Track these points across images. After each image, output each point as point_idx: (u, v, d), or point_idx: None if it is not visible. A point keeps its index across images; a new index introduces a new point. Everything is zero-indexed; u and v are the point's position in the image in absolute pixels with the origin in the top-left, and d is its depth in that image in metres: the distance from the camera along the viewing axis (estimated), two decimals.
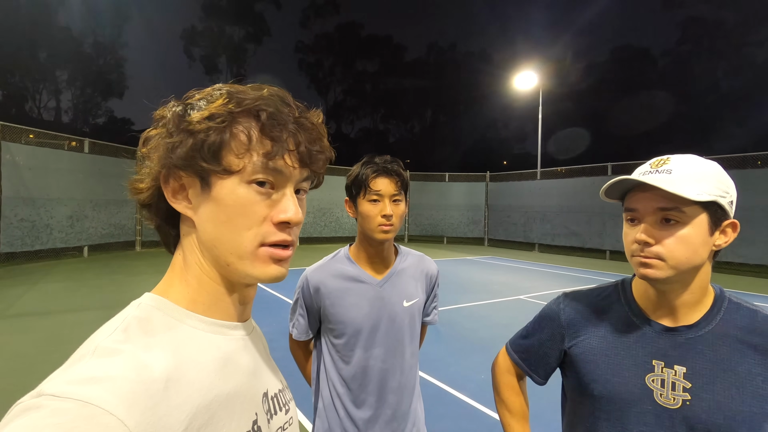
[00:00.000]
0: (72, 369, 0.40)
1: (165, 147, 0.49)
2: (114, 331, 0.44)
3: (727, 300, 0.86)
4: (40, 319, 5.21)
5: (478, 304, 6.63)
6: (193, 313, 0.50)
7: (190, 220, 0.52)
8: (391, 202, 1.28)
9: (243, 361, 0.53)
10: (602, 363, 0.90)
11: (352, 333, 1.29)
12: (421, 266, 1.44)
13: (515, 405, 1.06)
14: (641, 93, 38.74)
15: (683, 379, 0.81)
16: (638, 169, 0.86)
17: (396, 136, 52.36)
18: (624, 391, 0.86)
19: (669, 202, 0.78)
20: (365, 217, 1.28)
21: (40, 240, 9.63)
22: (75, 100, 38.01)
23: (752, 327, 0.82)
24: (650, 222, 0.80)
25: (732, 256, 10.31)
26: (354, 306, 1.30)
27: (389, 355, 1.30)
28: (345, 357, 1.30)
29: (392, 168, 1.28)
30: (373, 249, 1.33)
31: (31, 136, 10.75)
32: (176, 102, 0.52)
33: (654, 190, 0.79)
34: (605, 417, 0.88)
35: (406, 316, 1.34)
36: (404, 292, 1.35)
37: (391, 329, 1.31)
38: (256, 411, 0.52)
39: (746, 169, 10.34)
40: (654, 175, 0.80)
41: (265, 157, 0.49)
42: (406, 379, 1.33)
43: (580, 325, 0.96)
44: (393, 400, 1.30)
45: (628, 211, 0.84)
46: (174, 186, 0.51)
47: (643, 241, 0.80)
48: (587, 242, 13.47)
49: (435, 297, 1.51)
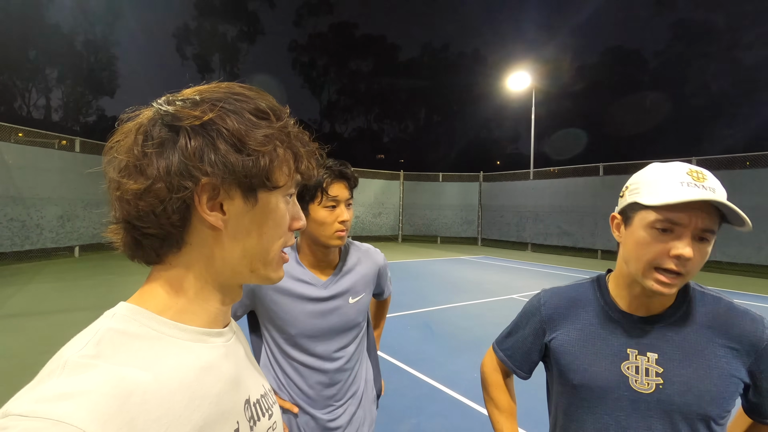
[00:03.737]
0: (40, 386, 0.38)
1: (220, 161, 0.47)
2: (86, 344, 0.42)
3: (692, 289, 0.92)
4: (30, 320, 5.15)
5: (471, 303, 6.67)
6: (172, 321, 0.49)
7: (207, 231, 0.50)
8: (346, 208, 1.27)
9: (224, 369, 0.52)
10: (580, 354, 0.94)
11: (295, 333, 1.28)
12: (369, 260, 1.43)
13: (503, 402, 1.10)
14: (633, 94, 39.08)
15: (656, 365, 0.87)
16: (673, 173, 0.81)
17: (390, 135, 52.42)
18: (601, 380, 0.90)
19: (713, 223, 0.79)
20: (320, 224, 1.25)
21: (30, 240, 9.51)
22: (65, 99, 37.55)
23: (716, 313, 0.88)
24: (691, 237, 0.79)
25: (721, 255, 10.45)
26: (297, 306, 1.28)
27: (334, 349, 1.31)
28: (288, 351, 1.30)
29: (347, 173, 1.27)
30: (321, 253, 1.32)
31: (20, 134, 10.60)
32: (218, 108, 0.49)
33: (702, 208, 0.78)
34: (585, 405, 0.93)
35: (352, 312, 1.34)
36: (350, 290, 1.35)
37: (337, 326, 1.31)
38: (237, 420, 0.51)
39: (735, 169, 10.49)
40: (700, 190, 0.78)
41: (302, 174, 0.55)
42: (351, 365, 1.36)
43: (559, 319, 1.00)
44: (338, 386, 1.33)
45: (666, 221, 0.80)
46: (211, 197, 0.49)
47: (687, 258, 0.78)
48: (579, 242, 13.57)
49: (386, 278, 1.54)
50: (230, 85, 0.53)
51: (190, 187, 0.47)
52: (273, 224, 0.53)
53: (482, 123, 48.13)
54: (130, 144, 0.48)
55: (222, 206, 0.50)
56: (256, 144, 0.49)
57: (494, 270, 10.47)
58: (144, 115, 0.50)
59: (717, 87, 37.48)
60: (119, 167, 0.48)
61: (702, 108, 36.71)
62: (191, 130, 0.47)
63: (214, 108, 0.48)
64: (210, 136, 0.47)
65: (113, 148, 0.50)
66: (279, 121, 0.52)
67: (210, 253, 0.51)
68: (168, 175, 0.46)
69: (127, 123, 0.51)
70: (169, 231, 0.49)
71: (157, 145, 0.47)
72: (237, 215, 0.51)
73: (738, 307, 0.88)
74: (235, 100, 0.50)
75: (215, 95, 0.50)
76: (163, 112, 0.48)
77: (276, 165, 0.51)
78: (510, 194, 15.97)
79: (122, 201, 0.48)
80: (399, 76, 49.79)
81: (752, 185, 10.01)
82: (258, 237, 0.52)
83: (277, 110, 0.53)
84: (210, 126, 0.48)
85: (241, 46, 46.90)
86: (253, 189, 0.50)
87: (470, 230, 17.42)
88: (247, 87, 0.53)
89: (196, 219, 0.49)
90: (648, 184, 0.84)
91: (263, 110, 0.51)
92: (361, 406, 1.40)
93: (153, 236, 0.49)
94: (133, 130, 0.49)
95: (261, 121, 0.50)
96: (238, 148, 0.48)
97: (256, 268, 0.53)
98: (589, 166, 13.77)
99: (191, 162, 0.47)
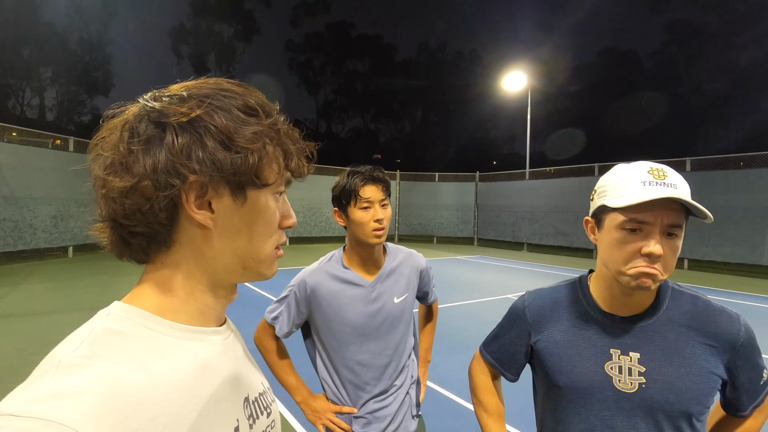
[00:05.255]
0: (33, 386, 0.37)
1: (208, 158, 0.46)
2: (80, 344, 0.41)
3: (670, 288, 0.93)
4: (22, 321, 5.11)
5: (466, 303, 6.68)
6: (167, 320, 0.48)
7: (196, 230, 0.49)
8: (380, 207, 1.36)
9: (222, 367, 0.51)
10: (565, 355, 0.94)
11: (347, 331, 1.38)
12: (411, 263, 1.53)
13: (491, 405, 1.11)
14: (628, 94, 39.29)
15: (638, 364, 0.88)
16: (635, 173, 0.83)
17: (386, 135, 52.40)
18: (586, 380, 0.91)
19: (680, 218, 0.81)
20: (358, 224, 1.35)
21: (23, 240, 9.44)
22: (59, 98, 37.30)
23: (693, 312, 0.90)
24: (659, 234, 0.81)
25: (714, 255, 10.52)
26: (348, 306, 1.38)
27: (383, 348, 1.41)
28: (340, 353, 1.39)
29: (378, 176, 1.38)
30: (365, 253, 1.41)
31: (14, 134, 10.52)
32: (205, 105, 0.48)
33: (666, 205, 0.80)
34: (571, 406, 0.93)
35: (397, 311, 1.43)
36: (394, 290, 1.44)
37: (384, 325, 1.41)
38: (237, 417, 0.51)
39: (728, 170, 10.54)
40: (662, 188, 0.80)
41: (292, 171, 0.55)
42: (398, 363, 1.45)
43: (543, 320, 1.00)
44: (390, 381, 1.43)
45: (634, 221, 0.82)
46: (199, 195, 0.48)
47: (657, 255, 0.80)
48: (575, 242, 13.62)
49: (430, 282, 1.65)
50: (218, 80, 0.52)
51: (177, 185, 0.46)
52: (263, 222, 0.52)
53: (479, 123, 48.28)
54: (116, 141, 0.47)
55: (210, 204, 0.49)
56: (245, 141, 0.48)
57: (490, 270, 10.49)
58: (130, 111, 0.49)
59: (712, 87, 37.74)
60: (105, 164, 0.47)
61: (696, 108, 36.97)
62: (178, 127, 0.46)
63: (201, 104, 0.47)
64: (197, 133, 0.47)
65: (98, 145, 0.49)
66: (268, 117, 0.51)
67: (200, 252, 0.50)
68: (155, 172, 0.45)
69: (112, 119, 0.50)
70: (156, 229, 0.48)
71: (143, 142, 0.46)
72: (226, 213, 0.50)
73: (715, 305, 0.90)
74: (224, 96, 0.49)
75: (203, 91, 0.49)
76: (149, 108, 0.47)
77: (265, 162, 0.51)
78: (506, 194, 16.01)
79: (108, 199, 0.47)
80: (395, 76, 49.83)
81: (746, 185, 10.06)
82: (248, 235, 0.52)
83: (266, 107, 0.52)
84: (197, 123, 0.47)
85: (237, 46, 46.79)
86: (242, 187, 0.50)
87: (466, 230, 17.45)
88: (236, 83, 0.53)
89: (184, 217, 0.49)
90: (613, 186, 0.86)
91: (252, 107, 0.50)
92: (408, 396, 1.49)
93: (140, 235, 0.48)
94: (119, 127, 0.48)
95: (250, 117, 0.49)
96: (226, 146, 0.47)
97: (248, 266, 0.53)
98: (585, 167, 13.83)
99: (178, 159, 0.46)
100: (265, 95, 0.54)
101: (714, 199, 10.15)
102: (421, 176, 18.08)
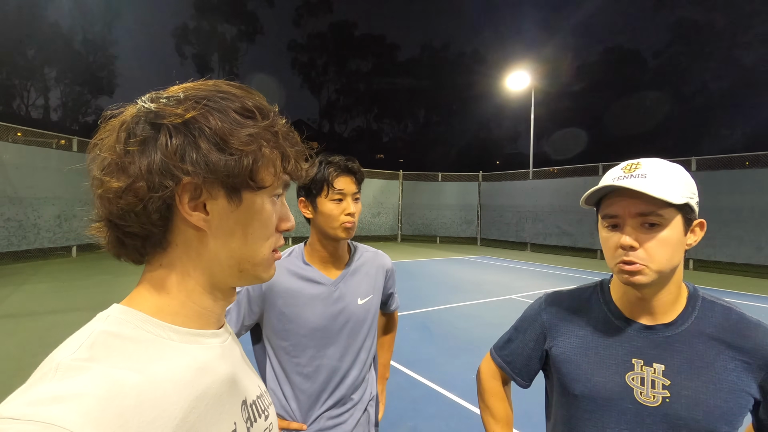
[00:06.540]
0: (32, 389, 0.37)
1: (202, 160, 0.46)
2: (79, 347, 0.42)
3: (701, 298, 0.88)
4: (26, 321, 5.13)
5: (469, 304, 6.65)
6: (166, 323, 0.49)
7: (191, 231, 0.49)
8: (353, 201, 1.28)
9: (220, 370, 0.52)
10: (583, 362, 0.90)
11: (304, 333, 1.26)
12: (377, 262, 1.44)
13: (500, 411, 1.06)
14: (632, 94, 39.15)
15: (662, 377, 0.83)
16: (609, 173, 0.85)
17: (389, 135, 52.46)
18: (604, 390, 0.86)
19: (648, 206, 0.79)
20: (327, 217, 1.26)
21: (27, 240, 9.48)
22: (64, 98, 37.56)
23: (726, 324, 0.84)
24: (632, 226, 0.81)
25: (720, 255, 10.45)
26: (307, 306, 1.27)
27: (344, 353, 1.30)
28: (295, 358, 1.27)
29: (353, 167, 1.29)
30: (330, 248, 1.32)
31: (18, 134, 10.59)
32: (201, 106, 0.48)
33: (632, 195, 0.79)
34: (587, 417, 0.88)
35: (361, 313, 1.33)
36: (359, 291, 1.34)
37: (345, 328, 1.30)
38: (235, 420, 0.51)
39: (734, 169, 10.46)
40: (630, 180, 0.80)
41: (290, 174, 0.54)
42: (359, 372, 1.34)
43: (560, 325, 0.96)
44: (347, 392, 1.31)
45: (607, 217, 0.84)
46: (193, 196, 0.48)
47: (628, 246, 0.80)
48: (578, 242, 13.57)
49: (394, 285, 1.55)
50: (217, 82, 0.52)
51: (170, 186, 0.46)
52: (259, 225, 0.52)
53: (482, 123, 48.23)
54: (113, 141, 0.48)
55: (205, 206, 0.49)
56: (240, 143, 0.48)
57: (493, 270, 10.46)
58: (128, 112, 0.50)
59: (716, 87, 37.59)
60: (102, 165, 0.48)
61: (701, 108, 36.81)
62: (173, 128, 0.47)
63: (197, 106, 0.48)
64: (192, 134, 0.47)
65: (97, 146, 0.50)
66: (265, 119, 0.51)
67: (196, 254, 0.50)
68: (149, 173, 0.46)
69: (111, 120, 0.50)
70: (150, 230, 0.48)
71: (139, 143, 0.46)
72: (221, 216, 0.50)
73: (750, 319, 0.84)
74: (221, 98, 0.49)
75: (200, 93, 0.49)
76: (146, 110, 0.48)
77: (261, 165, 0.50)
78: (509, 194, 15.97)
79: (104, 199, 0.48)
80: (398, 75, 49.88)
81: (751, 185, 9.99)
82: (243, 237, 0.51)
83: (263, 109, 0.52)
84: (192, 124, 0.47)
85: (240, 46, 47.01)
86: (237, 189, 0.49)
87: (469, 230, 17.42)
88: (235, 85, 0.53)
89: (179, 219, 0.49)
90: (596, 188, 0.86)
91: (249, 109, 0.50)
92: (366, 414, 1.37)
93: (135, 235, 0.48)
94: (117, 128, 0.49)
95: (246, 120, 0.49)
96: (220, 147, 0.47)
97: (245, 268, 0.53)
98: (589, 166, 13.77)
99: (172, 161, 0.46)
100: (268, 95, 0.55)
101: (719, 199, 10.09)
102: (424, 176, 18.06)
